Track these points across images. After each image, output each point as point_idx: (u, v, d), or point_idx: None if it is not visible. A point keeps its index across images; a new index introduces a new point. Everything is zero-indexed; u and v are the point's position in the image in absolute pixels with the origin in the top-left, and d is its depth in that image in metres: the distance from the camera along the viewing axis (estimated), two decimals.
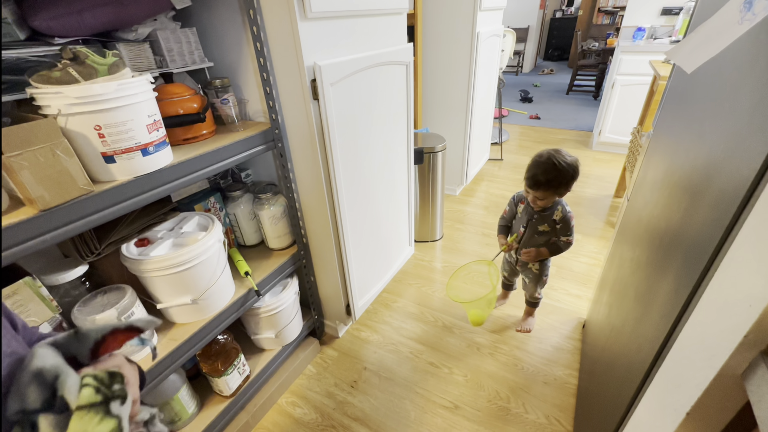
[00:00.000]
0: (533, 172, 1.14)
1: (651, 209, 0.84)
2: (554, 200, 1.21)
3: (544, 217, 1.25)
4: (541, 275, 1.39)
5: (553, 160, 1.11)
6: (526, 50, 7.21)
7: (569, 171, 1.12)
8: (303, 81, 0.97)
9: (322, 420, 1.24)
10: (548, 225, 1.25)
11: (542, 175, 1.12)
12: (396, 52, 1.30)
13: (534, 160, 1.16)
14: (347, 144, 1.17)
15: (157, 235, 0.95)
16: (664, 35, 2.94)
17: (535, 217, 1.27)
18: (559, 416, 1.21)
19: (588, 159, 3.17)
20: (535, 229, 1.28)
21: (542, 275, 1.39)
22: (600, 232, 2.16)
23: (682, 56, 0.50)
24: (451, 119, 2.40)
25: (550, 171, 1.11)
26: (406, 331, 1.57)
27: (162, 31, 0.93)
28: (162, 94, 0.88)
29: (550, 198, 1.18)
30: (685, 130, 0.74)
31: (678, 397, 0.46)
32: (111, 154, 0.70)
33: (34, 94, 0.64)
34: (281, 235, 1.26)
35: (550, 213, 1.24)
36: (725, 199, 0.46)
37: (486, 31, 2.19)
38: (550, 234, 1.28)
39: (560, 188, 1.15)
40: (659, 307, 0.60)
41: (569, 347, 1.45)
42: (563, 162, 1.11)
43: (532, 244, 1.31)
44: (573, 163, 1.13)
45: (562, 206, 1.22)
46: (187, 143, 0.94)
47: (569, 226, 1.22)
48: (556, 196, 1.18)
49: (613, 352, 0.89)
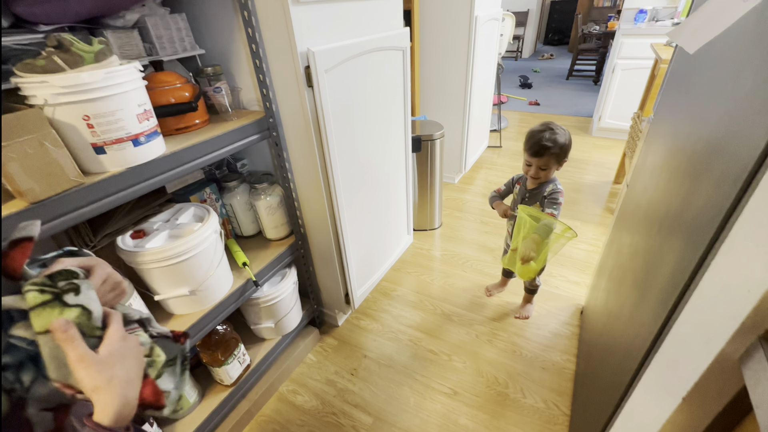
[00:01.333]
0: (535, 140, 1.16)
1: (650, 194, 0.83)
2: (552, 175, 1.23)
3: (534, 196, 1.26)
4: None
5: (549, 126, 1.16)
6: (526, 34, 7.09)
7: (566, 135, 1.17)
8: (297, 68, 0.95)
9: (322, 407, 1.25)
10: (539, 203, 1.26)
11: (545, 141, 1.14)
12: (392, 37, 1.27)
13: (530, 133, 1.19)
14: (343, 132, 1.15)
15: (153, 226, 0.94)
16: (666, 17, 2.88)
17: (526, 197, 1.28)
18: (557, 401, 1.22)
19: (588, 145, 3.15)
20: (535, 197, 1.28)
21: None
22: (599, 219, 2.16)
23: (684, 36, 0.49)
24: (449, 106, 2.37)
25: (551, 136, 1.15)
26: (406, 319, 1.58)
27: (151, 17, 0.91)
28: (152, 82, 0.86)
29: (551, 167, 1.19)
30: (686, 113, 0.72)
31: (674, 382, 0.46)
32: (101, 145, 0.69)
33: (20, 84, 0.63)
34: (278, 225, 1.25)
35: (541, 191, 1.24)
36: (726, 183, 0.45)
37: (485, 14, 2.14)
38: None
39: (561, 154, 1.16)
40: (657, 293, 0.60)
41: (567, 333, 1.46)
42: (558, 128, 1.17)
43: None
44: (567, 132, 1.18)
45: (553, 184, 1.23)
46: (180, 133, 0.92)
47: (557, 200, 1.20)
48: (557, 165, 1.19)
49: (610, 338, 0.89)
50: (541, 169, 1.19)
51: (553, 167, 1.19)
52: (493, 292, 1.67)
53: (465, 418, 1.19)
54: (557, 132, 1.15)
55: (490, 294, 1.67)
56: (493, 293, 1.67)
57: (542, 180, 1.23)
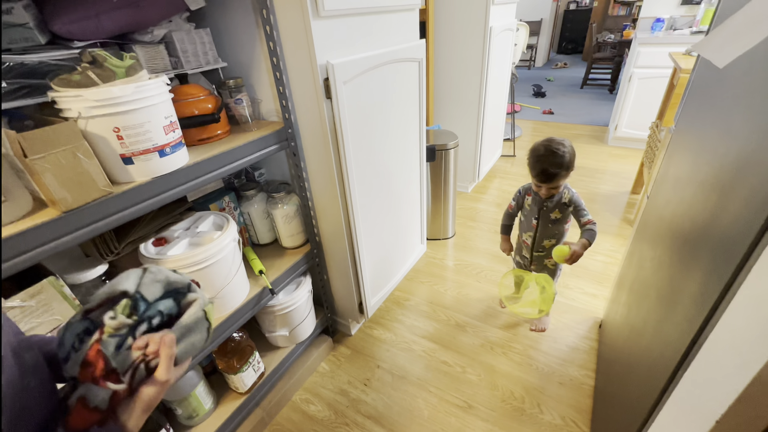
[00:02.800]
0: (541, 168, 1.16)
1: (674, 207, 0.81)
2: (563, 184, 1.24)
3: (555, 204, 1.26)
4: (557, 268, 1.41)
5: (552, 149, 1.14)
6: (539, 44, 7.08)
7: (569, 150, 1.16)
8: (316, 80, 0.97)
9: (335, 417, 1.25)
10: (559, 210, 1.26)
11: (552, 167, 1.14)
12: (408, 49, 1.29)
13: (534, 157, 1.18)
14: (360, 142, 1.16)
15: (174, 234, 0.96)
16: (684, 26, 2.84)
17: (545, 205, 1.28)
18: (576, 418, 1.19)
19: (603, 154, 3.10)
20: (548, 218, 1.29)
21: (557, 268, 1.41)
22: (616, 230, 2.11)
23: (711, 50, 0.48)
24: (463, 115, 2.37)
25: (557, 160, 1.14)
26: (419, 330, 1.56)
27: (177, 32, 0.94)
28: (177, 94, 0.89)
29: (561, 185, 1.21)
30: (711, 124, 0.71)
31: (707, 404, 0.44)
32: (129, 156, 0.71)
33: (56, 98, 0.66)
34: (294, 233, 1.26)
35: (559, 197, 1.25)
36: (758, 196, 0.44)
37: (499, 25, 2.15)
38: (562, 220, 1.29)
39: (569, 171, 1.17)
40: (685, 309, 0.59)
41: (585, 347, 1.43)
42: (561, 148, 1.15)
43: (548, 234, 1.32)
44: (569, 144, 1.17)
45: (567, 188, 1.25)
46: (203, 143, 0.95)
47: (581, 205, 1.24)
48: (566, 179, 1.20)
49: (633, 354, 0.86)
50: (552, 188, 1.21)
51: (562, 182, 1.21)
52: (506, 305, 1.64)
53: None
54: (559, 152, 1.14)
55: (504, 306, 1.64)
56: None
57: (555, 194, 1.25)
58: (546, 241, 1.34)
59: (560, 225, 1.30)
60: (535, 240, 1.35)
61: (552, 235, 1.32)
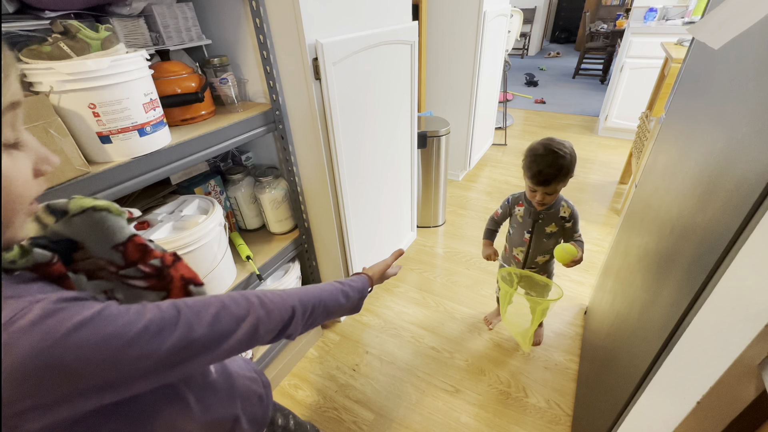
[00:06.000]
0: (538, 168, 1.02)
1: (662, 195, 0.82)
2: (558, 195, 1.12)
3: (550, 216, 1.13)
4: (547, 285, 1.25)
5: (552, 149, 1.01)
6: (533, 32, 7.03)
7: (572, 155, 1.03)
8: (305, 60, 0.94)
9: (324, 402, 1.25)
10: (555, 224, 1.14)
11: (549, 168, 1.01)
12: (401, 31, 1.26)
13: (532, 157, 1.04)
14: (349, 126, 1.14)
15: (157, 218, 0.93)
16: (677, 16, 2.84)
17: (541, 218, 1.14)
18: (559, 401, 1.22)
19: (593, 145, 3.12)
20: (543, 232, 1.15)
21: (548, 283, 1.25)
22: (603, 219, 2.14)
23: (707, 32, 0.47)
24: (456, 102, 2.35)
25: (556, 162, 1.00)
26: (408, 316, 1.57)
27: (158, 5, 0.89)
28: (158, 72, 0.85)
29: (557, 191, 1.08)
30: (702, 113, 0.71)
31: (688, 386, 0.45)
32: (107, 134, 0.68)
33: (25, 70, 0.62)
34: (283, 219, 1.24)
35: (556, 210, 1.12)
36: (746, 183, 0.43)
37: (493, 10, 2.11)
38: (557, 235, 1.16)
39: (567, 176, 1.04)
40: (669, 295, 0.59)
41: (570, 333, 1.45)
42: (562, 149, 1.02)
43: (542, 250, 1.19)
44: (570, 147, 1.04)
45: (565, 201, 1.13)
46: (186, 124, 0.91)
47: (578, 221, 1.13)
48: (563, 187, 1.07)
49: (617, 339, 0.88)
50: (548, 194, 1.07)
51: (558, 191, 1.08)
52: (493, 322, 1.50)
53: (467, 416, 1.19)
54: (560, 154, 1.00)
55: (490, 324, 1.50)
56: (493, 323, 1.50)
57: (550, 203, 1.12)
58: (540, 257, 1.21)
59: (555, 239, 1.17)
60: (528, 256, 1.21)
61: (546, 251, 1.19)
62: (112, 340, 0.30)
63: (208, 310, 0.39)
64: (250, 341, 0.42)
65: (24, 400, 0.26)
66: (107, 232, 0.41)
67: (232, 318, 0.40)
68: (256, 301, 0.44)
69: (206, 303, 0.39)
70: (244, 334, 0.41)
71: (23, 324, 0.26)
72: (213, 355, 0.38)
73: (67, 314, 0.28)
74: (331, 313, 0.57)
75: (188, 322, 0.36)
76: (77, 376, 0.28)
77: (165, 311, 0.35)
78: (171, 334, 0.34)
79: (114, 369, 0.30)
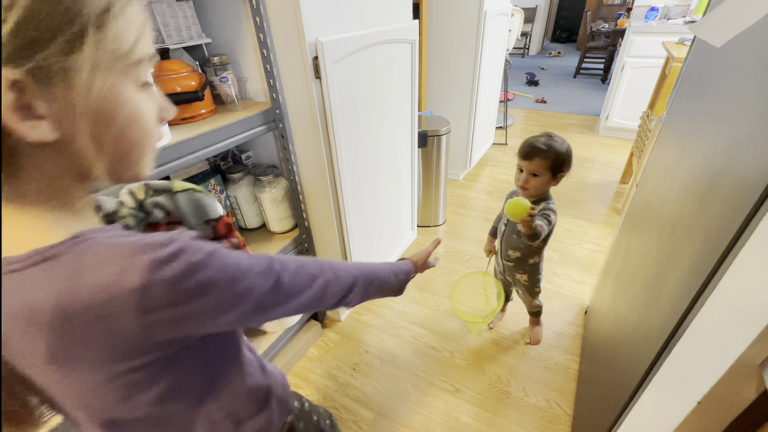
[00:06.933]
0: (528, 142, 1.05)
1: (663, 195, 0.81)
2: (546, 189, 1.09)
3: None
4: (532, 286, 1.27)
5: (547, 133, 1.06)
6: (534, 31, 7.01)
7: (564, 144, 1.05)
8: (305, 58, 0.94)
9: (324, 401, 1.25)
10: None
11: (538, 143, 1.03)
12: (401, 30, 1.25)
13: (527, 139, 1.07)
14: (350, 125, 1.14)
15: None
16: (678, 15, 2.83)
17: None
18: (560, 400, 1.22)
19: (594, 144, 3.12)
20: (514, 226, 1.13)
21: (533, 286, 1.27)
22: (604, 218, 2.14)
23: (708, 30, 0.47)
24: (456, 102, 2.35)
25: (546, 141, 1.03)
26: (408, 315, 1.57)
27: (157, 4, 0.89)
28: (158, 70, 0.85)
29: (543, 176, 1.04)
30: (703, 112, 0.71)
31: (689, 386, 0.45)
32: None
33: None
34: (283, 218, 1.24)
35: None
36: (748, 182, 0.43)
37: (494, 9, 2.11)
38: None
39: (555, 162, 1.03)
40: (670, 294, 0.59)
41: (571, 333, 1.45)
42: (558, 136, 1.06)
43: (511, 244, 1.19)
44: (566, 141, 1.06)
45: (546, 201, 1.09)
46: (186, 123, 0.91)
47: (548, 216, 1.06)
48: (550, 176, 1.05)
49: (617, 339, 0.88)
50: (532, 175, 1.04)
51: (545, 178, 1.05)
52: (494, 321, 1.51)
53: (467, 415, 1.19)
54: (555, 139, 1.04)
55: (490, 324, 1.50)
56: (494, 322, 1.51)
57: (532, 192, 1.08)
58: (511, 252, 1.21)
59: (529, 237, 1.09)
60: (501, 248, 1.24)
61: (516, 247, 1.18)
62: (230, 268, 0.33)
63: (291, 264, 0.41)
64: (319, 301, 0.44)
65: (166, 309, 0.29)
66: (205, 208, 0.52)
67: (307, 274, 0.43)
68: (326, 265, 0.47)
69: (289, 258, 0.42)
70: (316, 291, 0.43)
71: (181, 244, 0.30)
72: (287, 308, 0.40)
73: (202, 243, 0.33)
74: (383, 289, 0.58)
75: (279, 270, 0.39)
76: (206, 293, 0.31)
77: (261, 258, 0.38)
78: (268, 277, 0.37)
79: (229, 292, 0.33)
